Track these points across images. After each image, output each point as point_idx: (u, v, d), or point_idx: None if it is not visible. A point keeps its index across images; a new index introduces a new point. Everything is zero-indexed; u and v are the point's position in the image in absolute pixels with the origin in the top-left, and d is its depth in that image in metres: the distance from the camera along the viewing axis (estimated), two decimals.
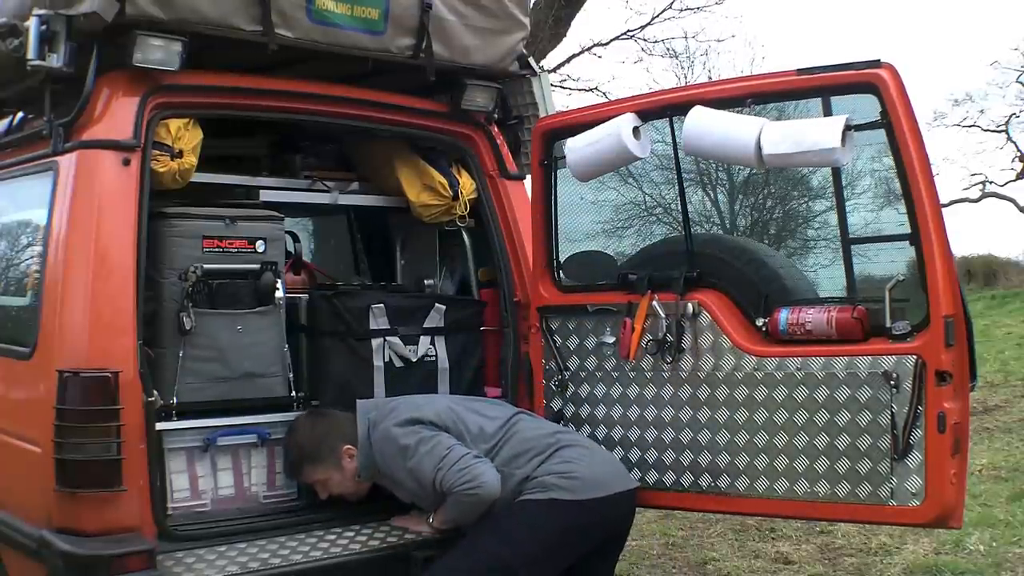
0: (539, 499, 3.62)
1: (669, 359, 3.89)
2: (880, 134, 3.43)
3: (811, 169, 10.69)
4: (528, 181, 4.46)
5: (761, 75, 3.70)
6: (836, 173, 3.81)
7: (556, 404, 4.20)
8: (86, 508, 3.27)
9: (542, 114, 4.47)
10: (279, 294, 3.89)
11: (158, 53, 3.51)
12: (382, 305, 4.10)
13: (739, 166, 12.16)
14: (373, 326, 4.07)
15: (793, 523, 6.11)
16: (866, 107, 3.45)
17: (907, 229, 3.41)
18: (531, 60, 4.53)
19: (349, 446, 3.79)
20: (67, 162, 3.51)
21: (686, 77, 22.39)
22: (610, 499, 3.71)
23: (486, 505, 3.62)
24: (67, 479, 3.26)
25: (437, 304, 4.27)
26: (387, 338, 4.08)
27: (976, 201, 31.85)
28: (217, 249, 3.77)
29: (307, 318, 4.09)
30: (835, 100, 3.63)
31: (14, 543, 3.52)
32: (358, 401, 3.90)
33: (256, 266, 3.84)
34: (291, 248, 4.62)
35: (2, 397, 3.74)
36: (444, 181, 4.37)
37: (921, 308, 3.41)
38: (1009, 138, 30.86)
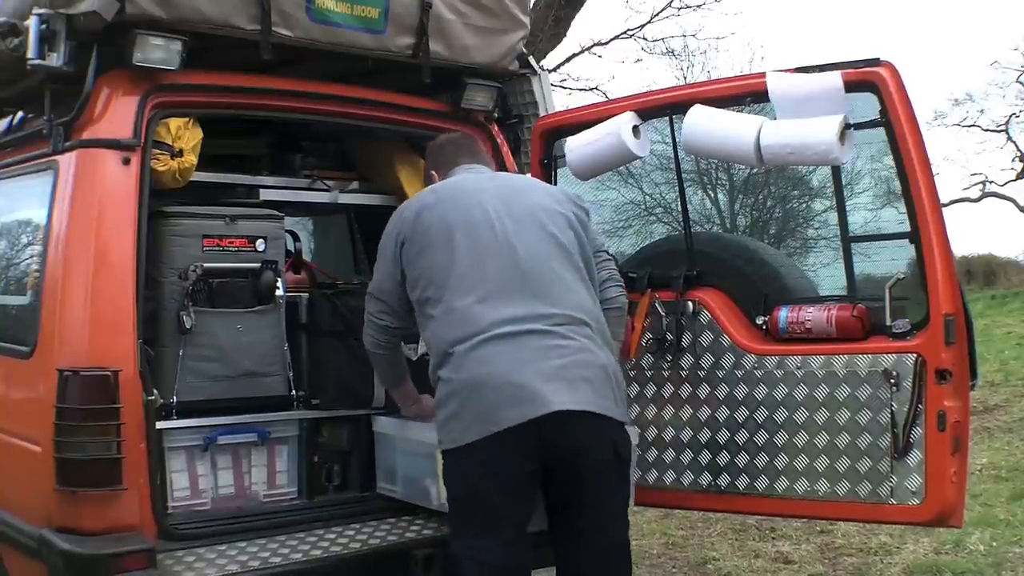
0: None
1: (669, 358, 3.89)
2: (880, 133, 3.44)
3: (811, 168, 10.67)
4: None
5: (761, 74, 3.69)
6: (836, 172, 3.80)
7: None
8: (86, 507, 3.26)
9: (542, 113, 4.47)
10: (279, 293, 3.90)
11: (158, 52, 3.50)
12: None
13: (739, 165, 12.15)
14: None
15: (793, 523, 6.10)
16: (866, 106, 3.46)
17: (907, 227, 3.41)
18: (531, 59, 4.53)
19: (435, 172, 3.70)
20: (67, 161, 3.51)
21: (685, 77, 22.36)
22: (519, 429, 3.00)
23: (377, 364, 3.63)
24: (67, 478, 3.25)
25: None
26: None
27: (976, 201, 31.88)
28: (217, 248, 3.79)
29: (307, 317, 4.09)
30: None
31: (14, 542, 3.51)
32: (466, 169, 3.65)
33: (256, 265, 3.85)
34: (291, 247, 4.62)
35: (2, 396, 3.73)
36: None
37: (921, 306, 3.41)
38: (1009, 138, 30.88)
